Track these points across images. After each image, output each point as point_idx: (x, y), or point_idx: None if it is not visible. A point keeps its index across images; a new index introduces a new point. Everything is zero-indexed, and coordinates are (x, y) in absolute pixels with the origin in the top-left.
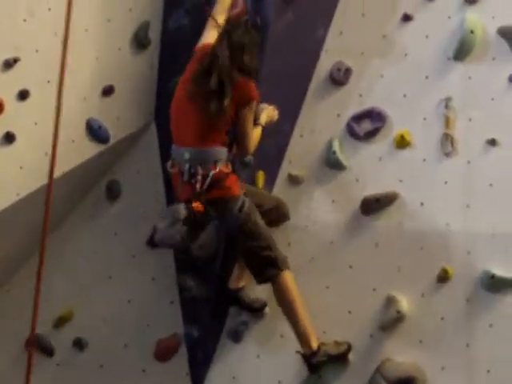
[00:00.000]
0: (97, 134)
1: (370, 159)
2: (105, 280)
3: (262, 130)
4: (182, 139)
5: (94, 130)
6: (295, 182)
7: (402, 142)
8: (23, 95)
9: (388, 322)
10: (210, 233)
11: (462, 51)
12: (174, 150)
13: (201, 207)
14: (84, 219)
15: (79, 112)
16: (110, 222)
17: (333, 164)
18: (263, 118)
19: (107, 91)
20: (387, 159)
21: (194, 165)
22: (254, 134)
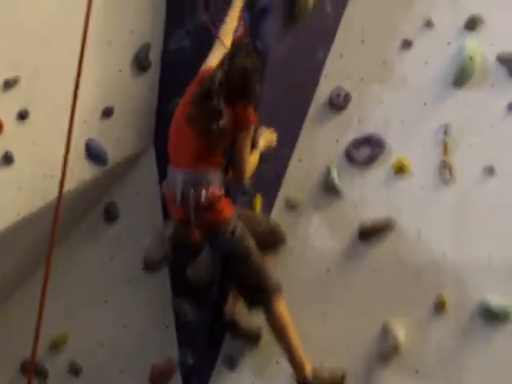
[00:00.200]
0: (96, 155)
1: (368, 185)
2: (100, 304)
3: (260, 155)
4: (178, 161)
5: (93, 151)
6: (293, 206)
7: (401, 169)
8: (23, 116)
9: (384, 351)
10: (206, 257)
11: (461, 78)
12: (169, 170)
13: (198, 236)
14: (81, 241)
15: (78, 134)
16: (107, 244)
17: (331, 189)
18: (261, 143)
19: (107, 113)
20: (385, 186)
21: (186, 187)
22: (252, 159)
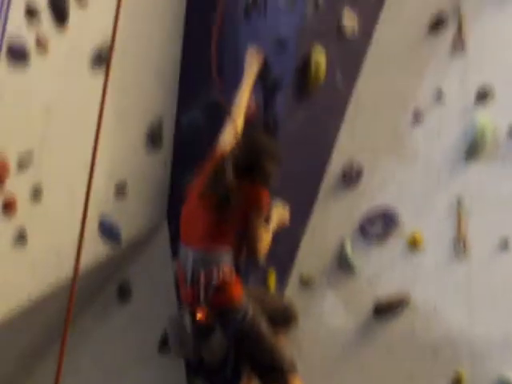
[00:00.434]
0: (109, 233)
1: (383, 260)
2: (115, 383)
3: (273, 230)
4: (189, 239)
5: (106, 229)
6: (306, 283)
7: (415, 244)
8: (36, 194)
9: None
10: (219, 337)
11: (473, 150)
12: (181, 249)
13: (203, 316)
14: (94, 320)
15: (91, 212)
16: (121, 323)
17: (345, 265)
18: (274, 219)
19: (120, 191)
20: (400, 260)
21: (196, 268)
22: (265, 237)
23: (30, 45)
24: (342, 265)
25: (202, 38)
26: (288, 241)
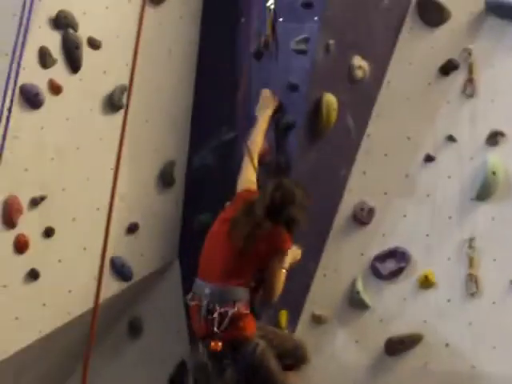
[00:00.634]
0: (120, 271)
1: (394, 299)
2: None
3: (286, 271)
4: (207, 274)
5: (118, 267)
6: (318, 321)
7: (426, 282)
8: (48, 233)
9: None
10: (231, 371)
11: (484, 192)
12: (197, 283)
13: (218, 347)
14: (105, 357)
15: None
16: (132, 360)
17: (356, 304)
18: (287, 261)
19: (132, 229)
20: (411, 299)
21: (212, 302)
22: (282, 279)
23: (43, 89)
24: (354, 303)
25: (213, 84)
26: (300, 279)
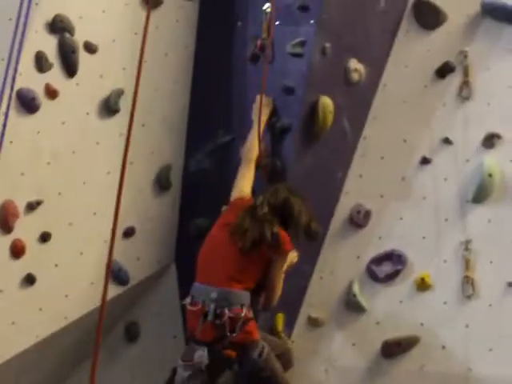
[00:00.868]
0: (116, 276)
1: (391, 302)
2: None
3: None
4: (210, 278)
5: (114, 272)
6: (315, 324)
7: (423, 285)
8: (45, 237)
9: None
10: (229, 380)
11: (480, 194)
12: (198, 288)
13: (233, 353)
14: (102, 361)
15: (100, 254)
16: (129, 364)
17: (353, 306)
18: (285, 265)
19: (128, 233)
20: (408, 302)
21: (220, 305)
22: (281, 284)
23: (40, 93)
24: (350, 306)
25: (209, 88)
26: (296, 282)
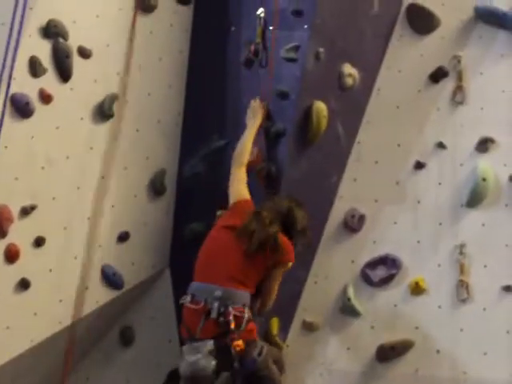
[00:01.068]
0: (111, 280)
1: (385, 306)
2: None
3: None
4: (214, 277)
5: (109, 276)
6: (310, 328)
7: (417, 289)
8: (39, 242)
9: None
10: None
11: (474, 198)
12: (200, 287)
13: (242, 345)
14: (97, 365)
15: (94, 259)
16: (123, 368)
17: (347, 311)
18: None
19: (122, 238)
20: (402, 306)
21: (224, 304)
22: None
23: (34, 98)
24: (345, 310)
25: (203, 93)
26: (291, 287)
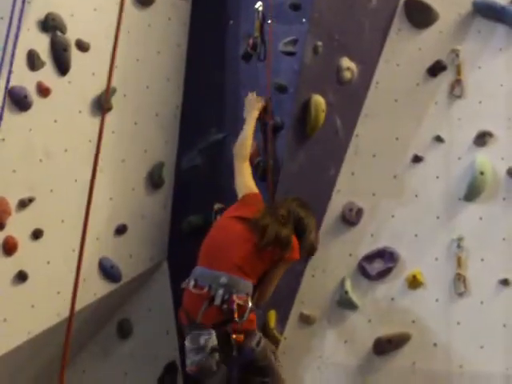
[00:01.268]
0: (109, 273)
1: (383, 299)
2: None
3: None
4: (220, 264)
5: (107, 269)
6: (307, 321)
7: (415, 282)
8: (37, 234)
9: None
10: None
11: (472, 192)
12: (205, 272)
13: (242, 338)
14: (95, 358)
15: (92, 251)
16: (121, 361)
17: (345, 304)
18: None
19: (120, 230)
20: (399, 299)
21: (229, 291)
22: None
23: (32, 91)
24: (342, 303)
25: (202, 86)
26: (288, 280)
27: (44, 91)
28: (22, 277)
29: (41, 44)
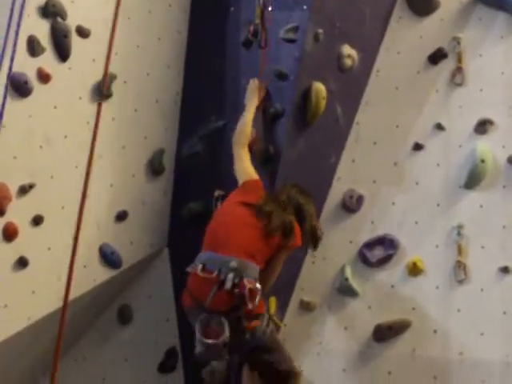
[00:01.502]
0: (109, 259)
1: (383, 286)
2: None
3: None
4: (228, 249)
5: (107, 255)
6: (307, 308)
7: (415, 270)
8: (37, 221)
9: None
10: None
11: (472, 180)
12: (213, 257)
13: (257, 323)
14: (95, 344)
15: (92, 238)
16: (121, 347)
17: (345, 291)
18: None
19: (121, 217)
20: (400, 286)
21: (239, 275)
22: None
23: (32, 77)
24: (343, 290)
25: (202, 73)
26: (289, 266)
27: (44, 77)
28: (22, 263)
29: (41, 30)
